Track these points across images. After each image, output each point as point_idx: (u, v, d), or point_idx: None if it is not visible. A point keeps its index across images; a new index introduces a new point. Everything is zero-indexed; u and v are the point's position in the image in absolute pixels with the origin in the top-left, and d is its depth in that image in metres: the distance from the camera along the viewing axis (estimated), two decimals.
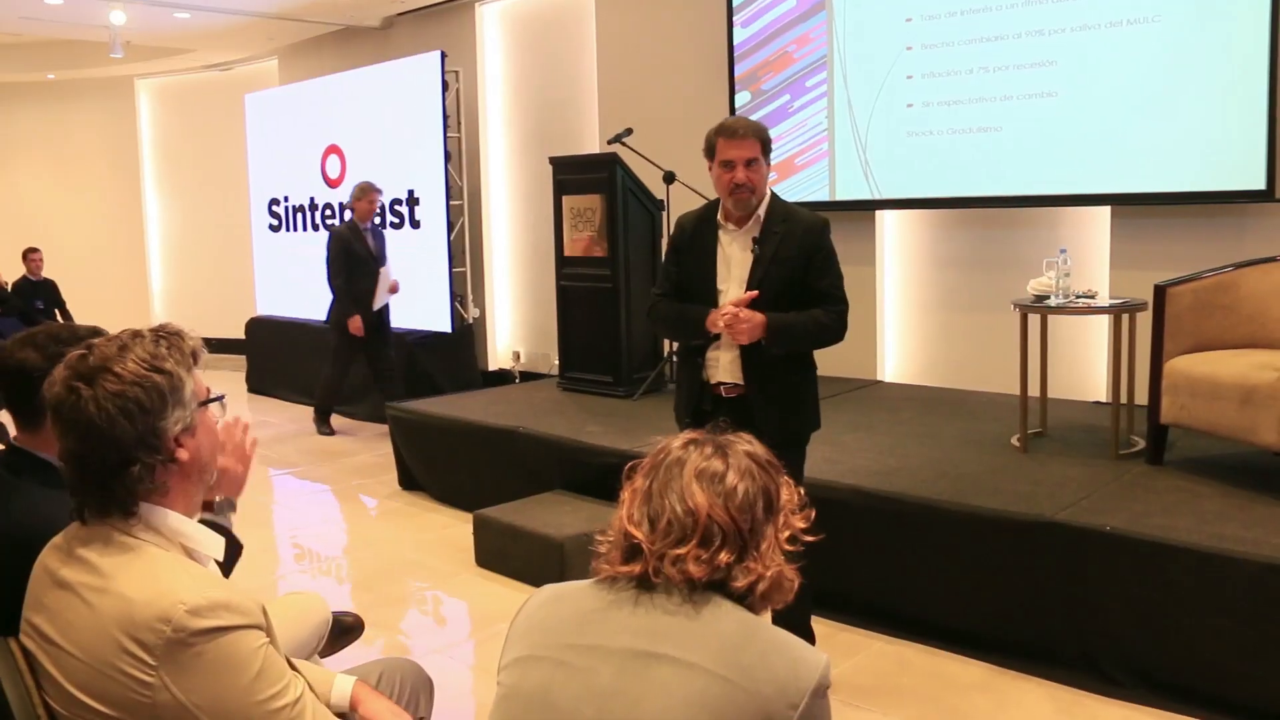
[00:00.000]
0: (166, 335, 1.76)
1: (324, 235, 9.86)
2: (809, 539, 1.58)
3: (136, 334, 1.75)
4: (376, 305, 7.67)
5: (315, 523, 5.97)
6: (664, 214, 6.35)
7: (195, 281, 13.17)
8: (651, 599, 1.49)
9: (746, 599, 1.50)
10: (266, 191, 10.72)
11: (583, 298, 6.60)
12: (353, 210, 7.68)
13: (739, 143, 3.24)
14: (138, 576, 1.62)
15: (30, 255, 10.68)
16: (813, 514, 1.60)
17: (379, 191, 7.72)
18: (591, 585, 1.56)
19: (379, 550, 5.39)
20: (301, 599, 3.01)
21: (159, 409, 1.69)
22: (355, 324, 7.56)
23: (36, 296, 10.55)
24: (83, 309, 10.71)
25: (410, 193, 8.93)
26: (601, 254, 6.41)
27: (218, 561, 1.83)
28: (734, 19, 6.94)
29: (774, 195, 3.36)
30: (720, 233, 3.36)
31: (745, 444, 1.59)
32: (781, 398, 3.35)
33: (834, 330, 3.32)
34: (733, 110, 6.86)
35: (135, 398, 1.66)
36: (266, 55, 11.86)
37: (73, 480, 1.70)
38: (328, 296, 7.74)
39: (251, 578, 4.69)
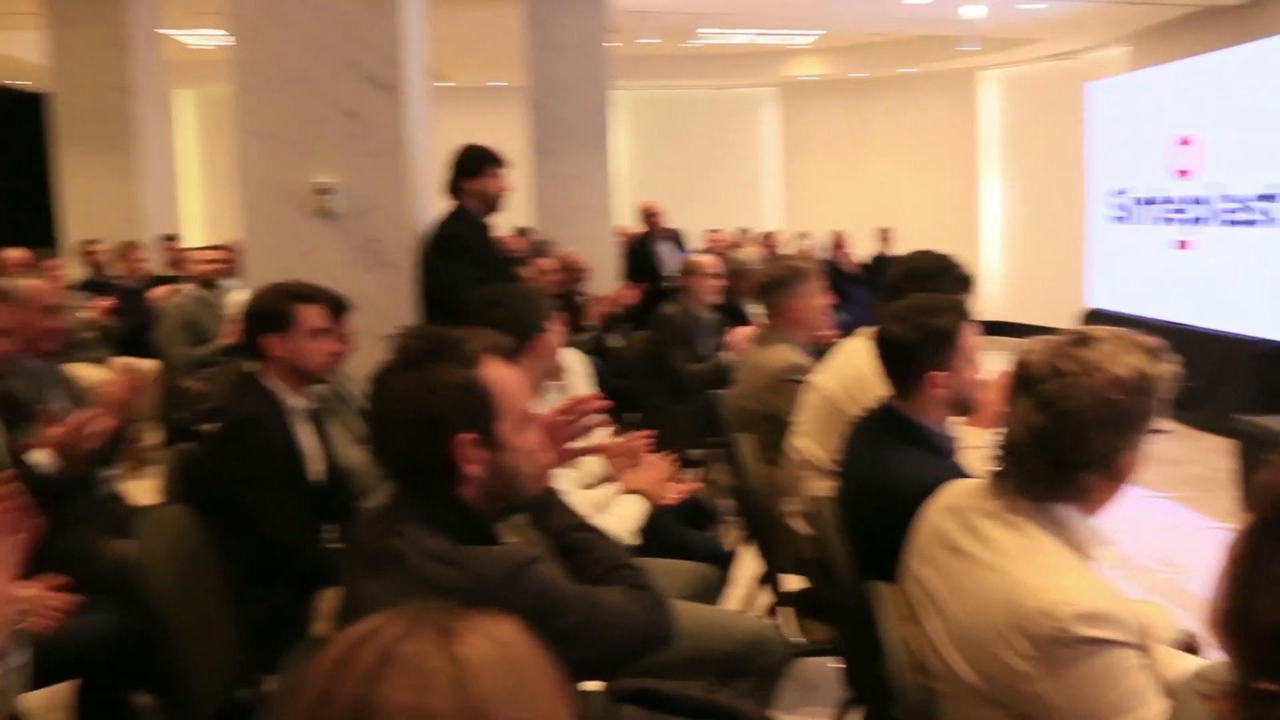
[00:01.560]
0: (1154, 352, 1.69)
1: (1168, 228, 9.47)
2: None
3: (1127, 340, 1.69)
4: None
5: (1137, 529, 5.76)
6: None
7: (1023, 268, 13.51)
8: None
9: None
10: (1108, 182, 10.55)
11: None
12: None
13: None
14: (1034, 566, 1.64)
15: (884, 234, 11.82)
16: None
17: None
18: None
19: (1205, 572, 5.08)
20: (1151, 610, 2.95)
21: (1129, 429, 1.66)
22: None
23: (880, 272, 11.63)
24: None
25: (1271, 189, 8.19)
26: None
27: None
28: None
29: None
30: None
31: None
32: None
33: None
34: None
35: (1121, 411, 1.65)
36: (1113, 42, 11.64)
37: (1012, 455, 1.72)
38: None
39: None
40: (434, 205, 4.47)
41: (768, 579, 3.28)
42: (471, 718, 0.84)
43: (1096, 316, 10.21)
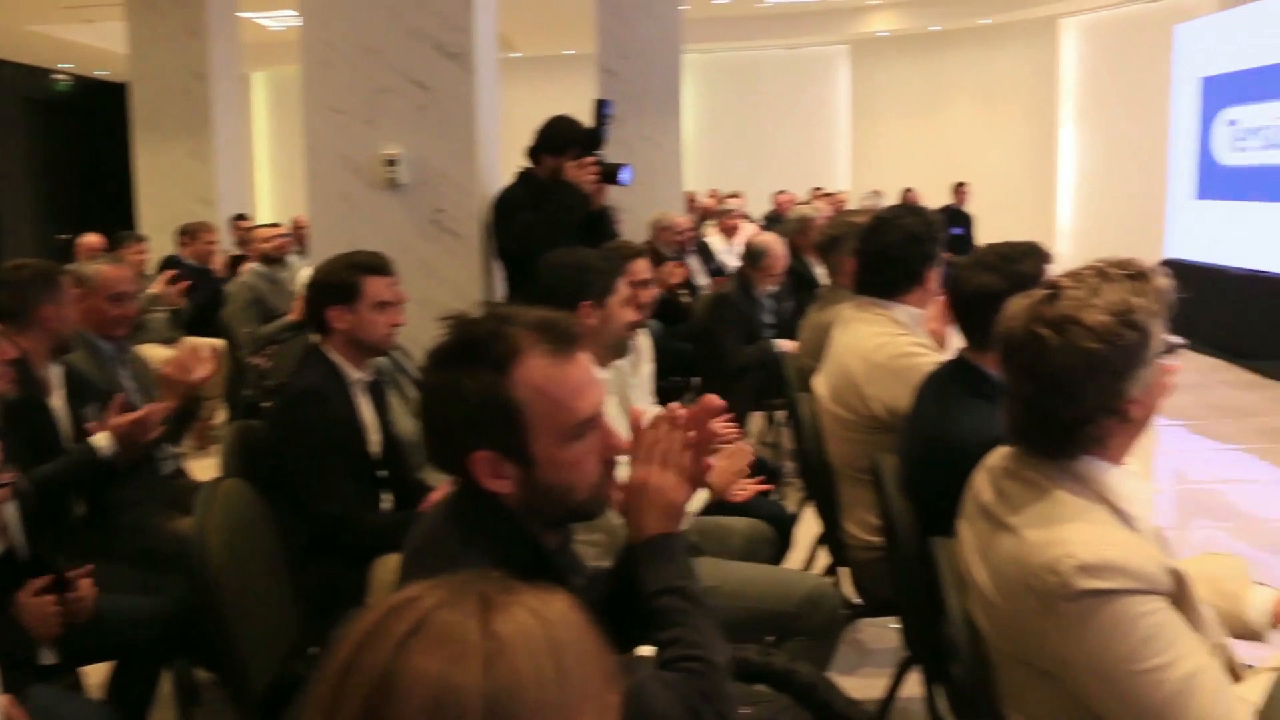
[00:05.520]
0: (1136, 277, 1.59)
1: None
2: None
3: (1104, 274, 1.60)
4: None
5: (1207, 481, 5.62)
6: None
7: (1101, 218, 13.15)
8: None
9: None
10: (1192, 128, 10.15)
11: None
12: None
13: None
14: (1039, 520, 1.59)
15: (959, 189, 11.47)
16: None
17: None
18: None
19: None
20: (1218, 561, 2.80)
21: (1125, 369, 1.56)
22: None
23: (956, 225, 11.17)
24: (988, 240, 11.28)
25: None
26: None
27: None
28: None
29: None
30: None
31: None
32: None
33: None
34: None
35: (1104, 357, 1.55)
36: None
37: (1017, 421, 1.67)
38: None
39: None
40: (501, 175, 4.38)
41: (826, 539, 3.21)
42: (496, 697, 0.78)
43: (1174, 266, 9.85)
